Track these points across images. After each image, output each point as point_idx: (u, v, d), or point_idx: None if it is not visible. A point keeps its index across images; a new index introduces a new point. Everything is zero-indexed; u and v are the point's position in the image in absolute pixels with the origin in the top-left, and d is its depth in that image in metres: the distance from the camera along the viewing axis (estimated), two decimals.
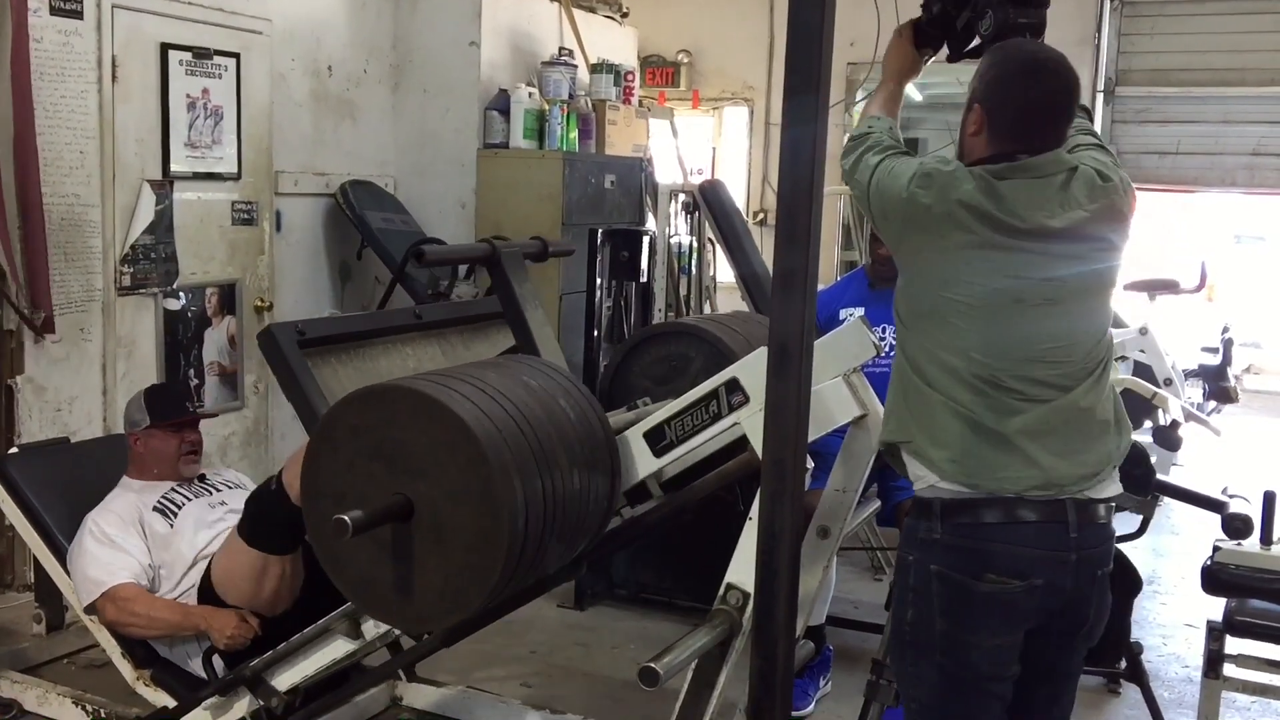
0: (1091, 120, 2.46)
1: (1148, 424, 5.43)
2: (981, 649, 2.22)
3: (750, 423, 2.31)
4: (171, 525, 3.23)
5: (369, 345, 2.86)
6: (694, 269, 6.30)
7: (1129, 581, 3.03)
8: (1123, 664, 3.65)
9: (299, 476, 2.68)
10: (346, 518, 2.04)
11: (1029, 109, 2.21)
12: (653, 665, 2.08)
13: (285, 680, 2.82)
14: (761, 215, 8.56)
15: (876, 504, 3.92)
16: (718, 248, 5.87)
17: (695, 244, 6.27)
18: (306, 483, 2.28)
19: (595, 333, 5.11)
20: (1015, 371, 2.18)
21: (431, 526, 2.13)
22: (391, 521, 2.14)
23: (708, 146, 8.75)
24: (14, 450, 3.76)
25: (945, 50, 2.60)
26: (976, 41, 2.49)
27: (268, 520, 2.91)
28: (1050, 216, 2.16)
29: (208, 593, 3.10)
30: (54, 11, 4.32)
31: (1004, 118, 2.22)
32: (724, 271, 6.18)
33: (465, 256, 3.56)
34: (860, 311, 3.66)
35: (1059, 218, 2.17)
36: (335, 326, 2.85)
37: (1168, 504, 4.63)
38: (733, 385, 2.35)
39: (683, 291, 6.21)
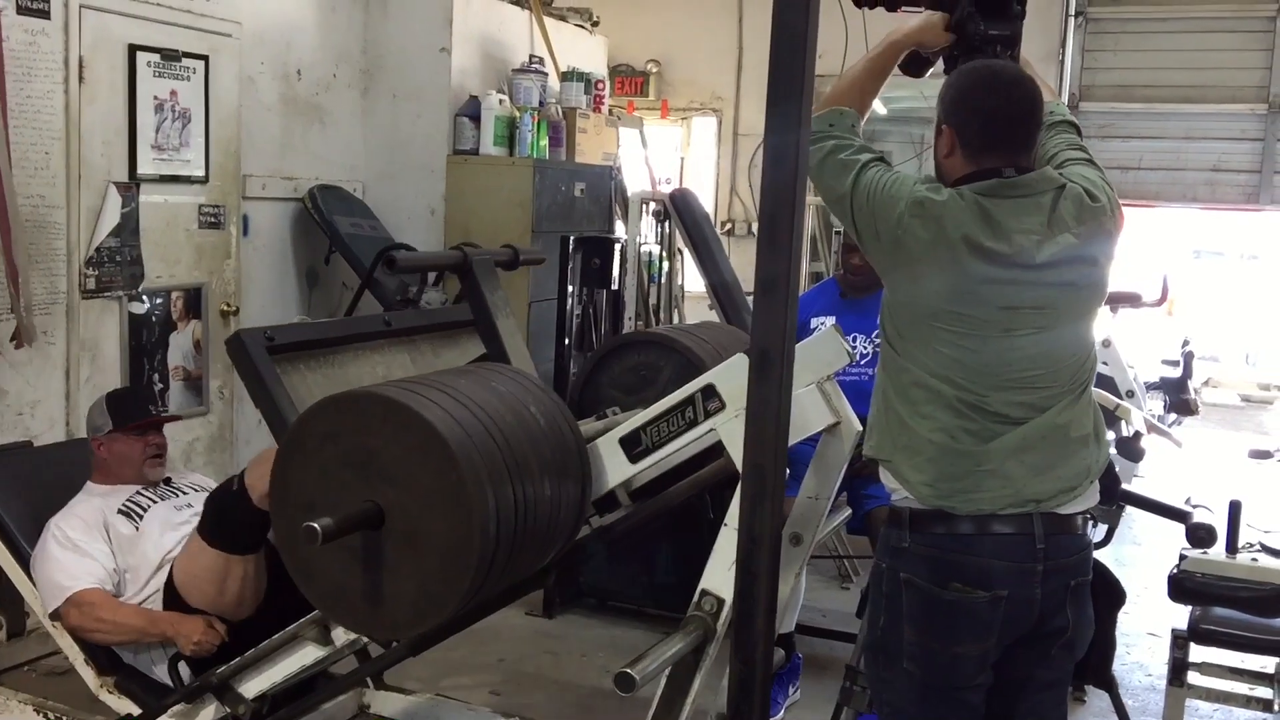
0: (1080, 135, 2.45)
1: (1111, 435, 5.49)
2: (947, 656, 2.23)
3: (727, 429, 2.30)
4: (137, 528, 3.18)
5: (338, 352, 2.83)
6: (663, 277, 6.30)
7: (1111, 594, 3.01)
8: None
9: (263, 479, 2.66)
10: (317, 525, 2.01)
11: (993, 118, 2.21)
12: (629, 671, 2.07)
13: (253, 687, 2.79)
14: (729, 225, 8.59)
15: (847, 512, 3.94)
16: (686, 256, 5.88)
17: (664, 252, 6.28)
18: (276, 490, 2.25)
19: (565, 340, 5.10)
20: (1000, 396, 2.19)
21: (403, 533, 2.11)
22: (362, 529, 2.11)
23: (676, 156, 8.77)
24: None
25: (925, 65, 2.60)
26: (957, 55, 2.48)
27: (229, 520, 2.89)
28: (1041, 241, 2.16)
29: (172, 596, 3.05)
30: (20, 10, 4.26)
31: (971, 132, 2.22)
32: (692, 280, 6.19)
33: (437, 264, 3.53)
34: (831, 320, 3.68)
35: (1049, 243, 2.16)
36: (305, 333, 2.82)
37: (1130, 514, 4.68)
38: (709, 391, 2.34)
39: (652, 300, 6.21)
